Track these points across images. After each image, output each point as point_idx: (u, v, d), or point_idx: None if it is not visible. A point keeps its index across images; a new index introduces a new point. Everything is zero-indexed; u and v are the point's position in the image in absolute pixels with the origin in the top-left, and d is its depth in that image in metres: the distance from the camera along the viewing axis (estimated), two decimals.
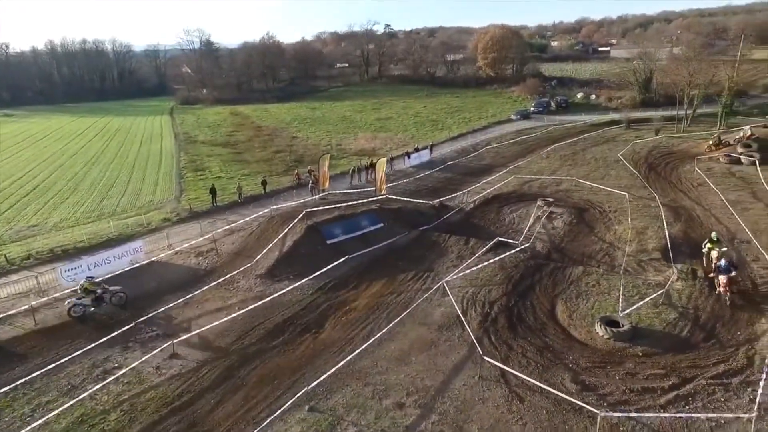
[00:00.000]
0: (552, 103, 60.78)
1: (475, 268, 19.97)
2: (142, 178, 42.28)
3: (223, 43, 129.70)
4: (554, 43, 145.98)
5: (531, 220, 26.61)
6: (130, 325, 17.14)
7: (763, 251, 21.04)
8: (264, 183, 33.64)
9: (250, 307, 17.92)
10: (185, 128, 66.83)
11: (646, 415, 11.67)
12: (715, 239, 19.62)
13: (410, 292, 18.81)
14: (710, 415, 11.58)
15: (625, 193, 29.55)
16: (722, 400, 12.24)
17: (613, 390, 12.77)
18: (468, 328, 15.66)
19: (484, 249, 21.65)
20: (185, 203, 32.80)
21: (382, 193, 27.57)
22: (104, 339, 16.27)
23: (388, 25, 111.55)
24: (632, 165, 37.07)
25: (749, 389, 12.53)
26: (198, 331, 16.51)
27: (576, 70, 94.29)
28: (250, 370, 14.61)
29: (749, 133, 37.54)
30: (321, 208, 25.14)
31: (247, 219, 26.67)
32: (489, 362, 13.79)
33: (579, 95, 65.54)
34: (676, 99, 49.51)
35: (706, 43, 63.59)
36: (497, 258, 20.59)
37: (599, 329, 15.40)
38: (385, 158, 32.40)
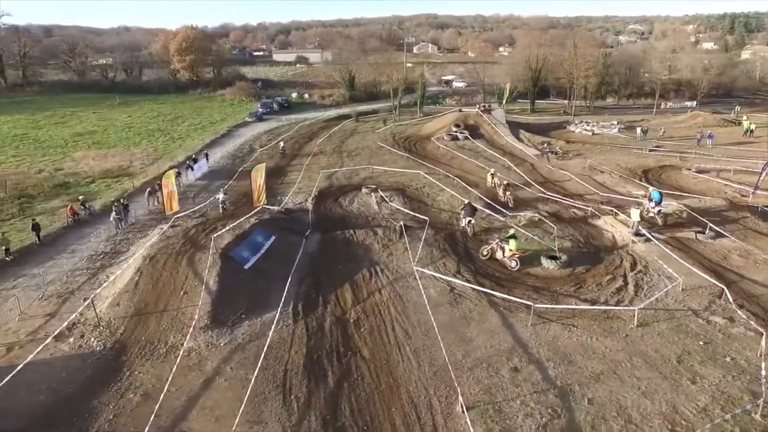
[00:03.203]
0: (275, 104, 63.12)
1: (412, 252, 21.26)
2: None
3: None
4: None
5: (375, 205, 29.24)
6: None
7: (533, 190, 30.58)
8: (37, 228, 24.12)
9: (261, 359, 14.39)
10: None
11: (645, 303, 16.73)
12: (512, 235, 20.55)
13: (386, 287, 18.81)
14: (663, 290, 17.40)
15: (419, 171, 35.70)
16: (650, 280, 18.59)
17: (605, 298, 17.47)
18: (491, 290, 17.56)
19: (401, 234, 23.06)
20: None
21: (261, 203, 24.58)
22: None
23: None
24: (394, 149, 44.09)
25: (650, 269, 19.34)
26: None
27: (258, 72, 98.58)
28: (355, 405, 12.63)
29: None
30: (221, 231, 20.81)
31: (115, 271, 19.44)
32: (541, 308, 16.29)
33: (294, 95, 70.12)
34: (385, 95, 60.38)
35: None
36: (423, 239, 22.41)
37: (548, 264, 19.93)
38: (263, 164, 28.51)
